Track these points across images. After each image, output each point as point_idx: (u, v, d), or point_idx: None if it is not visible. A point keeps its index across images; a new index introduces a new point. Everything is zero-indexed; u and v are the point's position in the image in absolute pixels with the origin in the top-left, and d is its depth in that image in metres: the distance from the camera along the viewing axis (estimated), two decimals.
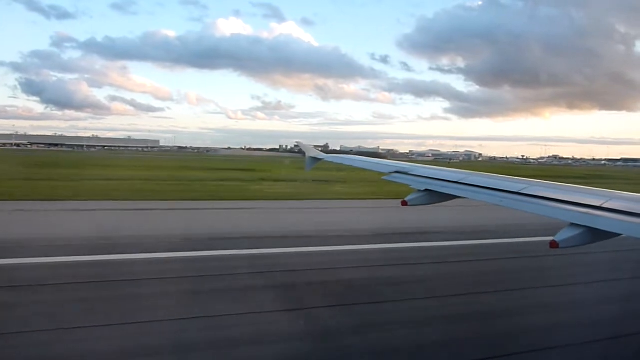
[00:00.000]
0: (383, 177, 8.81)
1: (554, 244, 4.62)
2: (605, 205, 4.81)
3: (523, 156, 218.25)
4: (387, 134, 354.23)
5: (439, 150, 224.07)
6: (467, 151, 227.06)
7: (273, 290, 9.46)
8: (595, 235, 4.60)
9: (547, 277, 10.90)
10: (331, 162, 12.12)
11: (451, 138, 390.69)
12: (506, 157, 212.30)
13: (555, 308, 8.97)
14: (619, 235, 4.43)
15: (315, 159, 12.32)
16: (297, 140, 15.63)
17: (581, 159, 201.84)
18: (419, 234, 15.37)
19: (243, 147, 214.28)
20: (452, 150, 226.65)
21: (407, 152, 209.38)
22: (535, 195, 5.76)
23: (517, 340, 7.42)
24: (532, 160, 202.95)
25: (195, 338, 7.06)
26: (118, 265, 10.78)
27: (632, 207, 4.66)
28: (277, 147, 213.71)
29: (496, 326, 8.05)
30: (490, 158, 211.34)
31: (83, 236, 13.43)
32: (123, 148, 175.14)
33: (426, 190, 7.17)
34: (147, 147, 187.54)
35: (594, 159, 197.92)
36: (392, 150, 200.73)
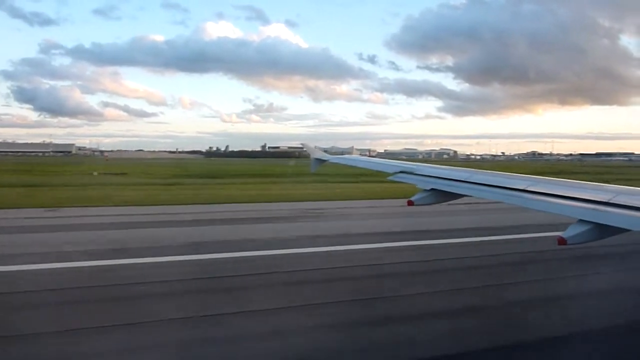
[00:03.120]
0: (388, 178, 8.78)
1: (561, 241, 4.57)
2: (613, 201, 4.76)
3: (503, 153, 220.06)
4: (384, 134, 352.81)
5: (415, 149, 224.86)
6: (442, 149, 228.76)
7: None
8: (603, 231, 4.56)
9: None
10: (337, 163, 12.13)
11: (448, 137, 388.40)
12: (480, 155, 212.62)
13: None
14: (628, 230, 4.38)
15: (320, 160, 12.32)
16: (301, 142, 15.67)
17: (558, 154, 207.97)
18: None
19: (175, 150, 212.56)
20: (429, 149, 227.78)
21: (383, 151, 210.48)
22: (541, 192, 5.72)
23: None
24: (503, 157, 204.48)
25: None
26: None
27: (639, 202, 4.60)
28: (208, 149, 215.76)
29: None
30: (467, 156, 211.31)
31: None
32: (20, 153, 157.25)
33: (432, 189, 7.16)
34: (48, 152, 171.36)
35: (571, 154, 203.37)
36: (371, 150, 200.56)
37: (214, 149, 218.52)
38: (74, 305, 8.12)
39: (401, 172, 8.51)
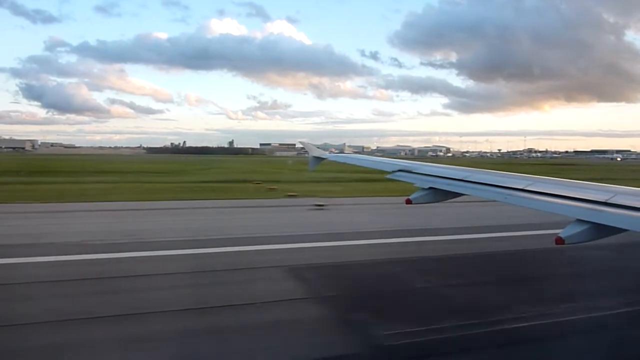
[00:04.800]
0: (387, 176, 8.79)
1: (559, 241, 4.60)
2: (611, 201, 4.79)
3: (500, 150, 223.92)
4: (391, 131, 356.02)
5: (409, 146, 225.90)
6: (435, 146, 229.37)
7: None
8: (601, 231, 4.59)
9: None
10: (335, 162, 12.13)
11: (456, 134, 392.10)
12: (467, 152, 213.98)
13: None
14: (625, 230, 4.41)
15: (319, 159, 12.32)
16: (300, 140, 15.70)
17: (555, 151, 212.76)
18: None
19: (139, 146, 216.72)
20: (423, 146, 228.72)
21: (375, 147, 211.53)
22: (540, 191, 5.74)
23: None
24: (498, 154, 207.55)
25: None
26: None
27: (638, 202, 4.63)
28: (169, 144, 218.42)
29: None
30: (462, 153, 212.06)
31: None
32: None
33: (430, 188, 7.18)
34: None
35: (566, 152, 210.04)
36: (364, 147, 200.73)
37: (175, 144, 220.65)
38: None
39: (400, 170, 8.52)
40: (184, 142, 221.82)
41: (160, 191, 26.13)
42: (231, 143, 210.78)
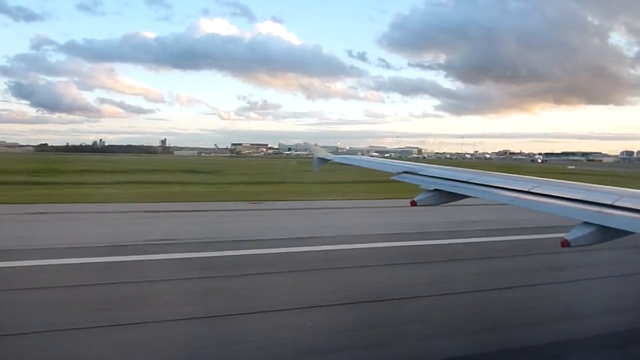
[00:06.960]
0: (392, 178, 8.78)
1: (565, 243, 4.58)
2: (617, 204, 4.76)
3: (476, 151, 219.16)
4: (385, 133, 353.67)
5: (384, 147, 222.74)
6: (407, 147, 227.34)
7: None
8: (607, 233, 4.56)
9: None
10: (340, 163, 12.13)
11: (449, 136, 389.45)
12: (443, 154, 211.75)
13: None
14: (632, 233, 4.38)
15: (323, 160, 12.32)
16: (304, 141, 15.71)
17: (530, 153, 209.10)
18: None
19: (66, 144, 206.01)
20: (399, 147, 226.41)
21: (349, 148, 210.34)
22: (546, 194, 5.71)
23: None
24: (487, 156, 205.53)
25: None
26: None
27: None
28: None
29: None
30: (437, 154, 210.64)
31: None
32: None
33: (435, 190, 7.16)
34: None
35: (540, 153, 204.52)
36: (339, 148, 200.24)
37: (98, 143, 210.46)
38: None
39: (405, 172, 8.51)
40: (101, 140, 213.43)
41: None
42: (163, 142, 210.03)
